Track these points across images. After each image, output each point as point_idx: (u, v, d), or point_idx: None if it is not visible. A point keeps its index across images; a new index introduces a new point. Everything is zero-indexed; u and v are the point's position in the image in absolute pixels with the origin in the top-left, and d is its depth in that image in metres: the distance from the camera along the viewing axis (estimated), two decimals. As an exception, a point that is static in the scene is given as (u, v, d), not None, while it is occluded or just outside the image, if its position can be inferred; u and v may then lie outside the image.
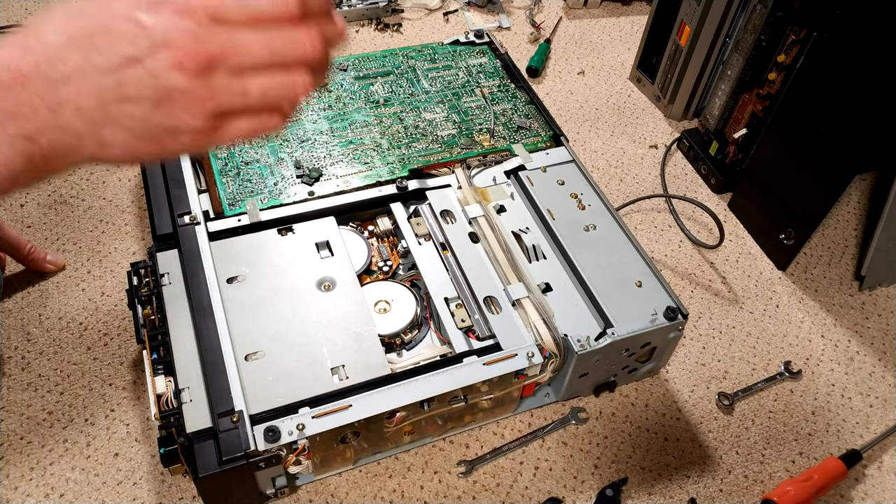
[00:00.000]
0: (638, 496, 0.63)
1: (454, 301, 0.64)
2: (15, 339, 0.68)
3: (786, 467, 0.66)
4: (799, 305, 0.78)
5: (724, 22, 0.86)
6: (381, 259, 0.69)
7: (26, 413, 0.63)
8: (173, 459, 0.52)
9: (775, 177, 0.81)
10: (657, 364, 0.69)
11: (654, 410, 0.68)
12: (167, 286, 0.61)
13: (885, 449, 0.68)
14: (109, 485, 0.60)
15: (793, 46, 0.77)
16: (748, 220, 0.86)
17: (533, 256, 0.67)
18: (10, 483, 0.59)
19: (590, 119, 0.98)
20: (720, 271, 0.81)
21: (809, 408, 0.70)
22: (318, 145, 0.75)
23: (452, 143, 0.76)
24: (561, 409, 0.67)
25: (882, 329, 0.77)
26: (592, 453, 0.65)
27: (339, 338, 0.60)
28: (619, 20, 1.15)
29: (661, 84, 0.98)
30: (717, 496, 0.63)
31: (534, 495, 0.62)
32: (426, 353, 0.62)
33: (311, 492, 0.60)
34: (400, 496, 0.61)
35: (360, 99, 0.80)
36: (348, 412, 0.54)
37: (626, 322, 0.61)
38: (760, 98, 0.82)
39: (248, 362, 0.57)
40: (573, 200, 0.71)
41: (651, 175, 0.91)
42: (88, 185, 0.82)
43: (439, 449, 0.64)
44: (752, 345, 0.74)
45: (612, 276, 0.65)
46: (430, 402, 0.57)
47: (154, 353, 0.57)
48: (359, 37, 1.07)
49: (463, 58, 0.87)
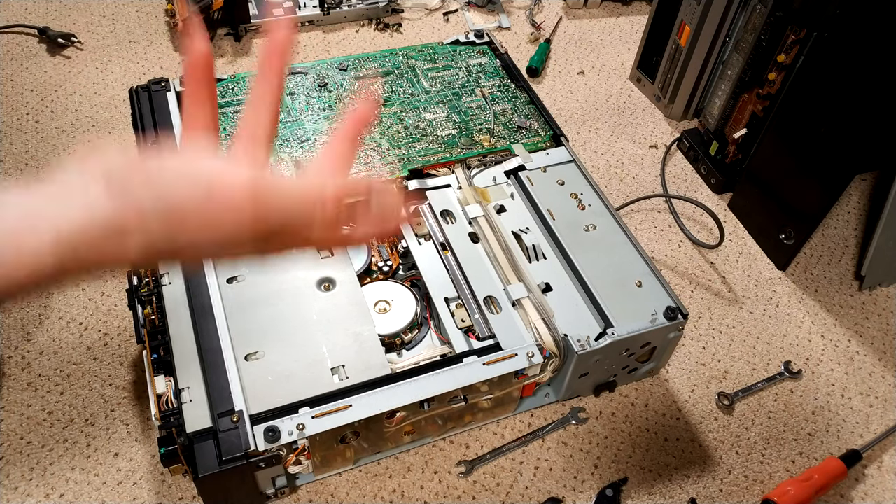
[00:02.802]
0: (638, 496, 0.63)
1: (454, 301, 0.64)
2: (15, 339, 0.68)
3: (786, 467, 0.66)
4: (799, 305, 0.78)
5: (724, 22, 0.86)
6: (381, 259, 0.69)
7: (26, 413, 0.63)
8: (173, 459, 0.52)
9: (775, 177, 0.81)
10: (657, 364, 0.69)
11: (654, 410, 0.68)
12: (167, 286, 0.61)
13: (885, 449, 0.68)
14: (109, 485, 0.60)
15: (793, 46, 0.77)
16: (748, 220, 0.86)
17: (533, 256, 0.67)
18: (10, 483, 0.59)
19: (590, 119, 0.98)
20: (720, 271, 0.81)
21: (809, 408, 0.70)
22: (319, 145, 0.75)
23: (452, 143, 0.76)
24: (561, 409, 0.67)
25: (882, 329, 0.77)
26: (592, 453, 0.65)
27: (339, 338, 0.60)
28: (619, 20, 1.15)
29: (661, 84, 0.98)
30: (717, 496, 0.63)
31: (534, 495, 0.62)
32: (426, 353, 0.62)
33: (311, 492, 0.60)
34: (400, 496, 0.61)
35: (360, 99, 0.80)
36: (348, 412, 0.54)
37: (626, 322, 0.61)
38: (760, 98, 0.82)
39: (248, 362, 0.57)
40: (573, 200, 0.71)
41: (651, 175, 0.91)
42: (88, 185, 0.82)
43: (439, 449, 0.64)
44: (752, 345, 0.74)
45: (612, 276, 0.65)
46: (430, 402, 0.57)
47: (154, 353, 0.57)
48: (359, 37, 1.07)
49: (463, 58, 0.87)
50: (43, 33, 0.99)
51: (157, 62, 0.99)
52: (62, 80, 0.95)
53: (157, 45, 1.02)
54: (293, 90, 0.80)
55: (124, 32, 1.03)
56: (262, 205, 0.30)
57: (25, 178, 0.71)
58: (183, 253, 0.30)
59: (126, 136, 0.88)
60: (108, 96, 0.93)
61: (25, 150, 0.85)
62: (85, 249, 0.27)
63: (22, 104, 0.91)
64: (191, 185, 0.29)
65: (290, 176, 0.31)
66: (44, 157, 0.84)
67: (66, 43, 0.99)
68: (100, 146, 0.31)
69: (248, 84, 0.80)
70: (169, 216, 0.29)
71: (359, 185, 0.32)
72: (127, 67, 0.98)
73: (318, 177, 0.32)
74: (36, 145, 0.86)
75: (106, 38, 1.02)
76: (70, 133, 0.88)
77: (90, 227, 0.27)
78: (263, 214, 0.30)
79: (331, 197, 0.31)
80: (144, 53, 1.00)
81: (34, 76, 0.95)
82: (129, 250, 0.29)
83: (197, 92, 0.34)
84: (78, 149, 0.31)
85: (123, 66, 0.98)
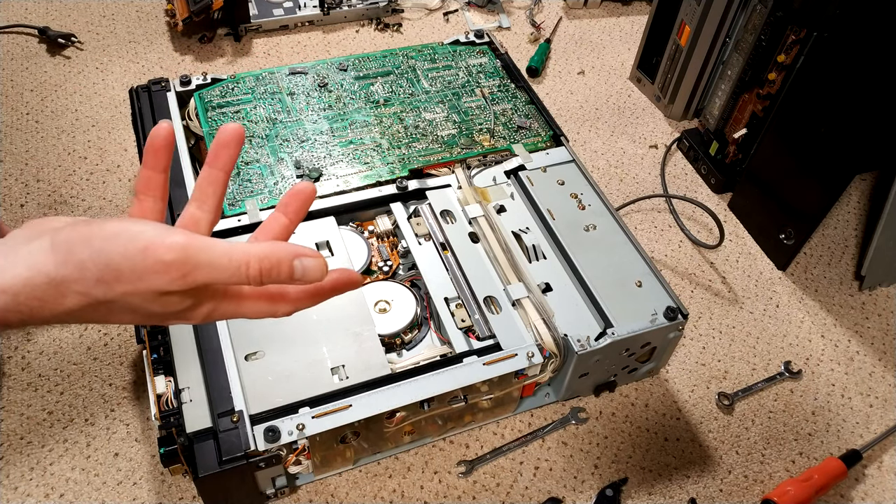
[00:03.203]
0: (638, 496, 0.63)
1: (454, 301, 0.64)
2: (15, 340, 0.68)
3: (786, 467, 0.66)
4: (799, 305, 0.78)
5: (724, 22, 0.86)
6: (381, 259, 0.69)
7: (26, 413, 0.63)
8: (173, 459, 0.52)
9: (775, 177, 0.81)
10: (657, 364, 0.69)
11: (654, 410, 0.68)
12: (167, 286, 0.61)
13: (885, 449, 0.68)
14: (109, 485, 0.60)
15: (793, 46, 0.77)
16: (748, 220, 0.86)
17: (533, 256, 0.67)
18: (10, 483, 0.59)
19: (590, 119, 0.98)
20: (720, 271, 0.81)
21: (809, 408, 0.70)
22: (318, 145, 0.75)
23: (452, 143, 0.76)
24: (561, 409, 0.67)
25: (882, 329, 0.77)
26: (592, 453, 0.65)
27: (339, 338, 0.60)
28: (619, 20, 1.15)
29: (661, 84, 0.98)
30: (717, 496, 0.63)
31: (534, 495, 0.62)
32: (426, 353, 0.62)
33: (311, 492, 0.60)
34: (400, 496, 0.61)
35: (360, 99, 0.80)
36: (348, 412, 0.54)
37: (626, 322, 0.61)
38: (760, 98, 0.82)
39: (248, 362, 0.57)
40: (573, 200, 0.71)
41: (651, 175, 0.91)
42: (88, 185, 0.82)
43: (439, 449, 0.64)
44: (752, 345, 0.74)
45: (612, 276, 0.65)
46: (430, 402, 0.57)
47: (154, 353, 0.57)
48: (359, 37, 1.07)
49: (463, 58, 0.87)
50: (43, 33, 0.99)
51: (157, 62, 0.99)
52: (62, 80, 0.95)
53: (157, 45, 1.02)
54: (293, 90, 0.80)
55: (124, 32, 1.03)
56: (192, 262, 0.32)
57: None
58: (118, 305, 0.33)
59: (126, 135, 0.88)
60: (108, 96, 0.93)
61: (25, 150, 0.85)
62: (26, 300, 0.31)
63: (22, 104, 0.91)
64: (126, 243, 0.32)
65: (222, 242, 0.34)
66: (44, 157, 0.84)
67: (66, 43, 0.99)
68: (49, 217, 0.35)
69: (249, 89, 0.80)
70: (105, 274, 0.32)
71: (283, 249, 0.34)
72: (127, 67, 0.98)
73: (245, 246, 0.34)
74: (36, 145, 0.86)
75: (106, 38, 1.02)
76: (70, 133, 0.88)
77: (34, 279, 0.31)
78: (191, 274, 0.33)
79: (255, 258, 0.33)
80: (144, 53, 1.00)
81: (34, 76, 0.95)
82: (68, 300, 0.32)
83: (154, 163, 0.38)
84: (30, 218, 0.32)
85: (123, 66, 0.98)
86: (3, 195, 0.80)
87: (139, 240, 0.32)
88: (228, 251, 0.33)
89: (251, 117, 0.76)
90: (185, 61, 0.99)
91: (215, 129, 0.75)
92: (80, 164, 0.84)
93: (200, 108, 0.76)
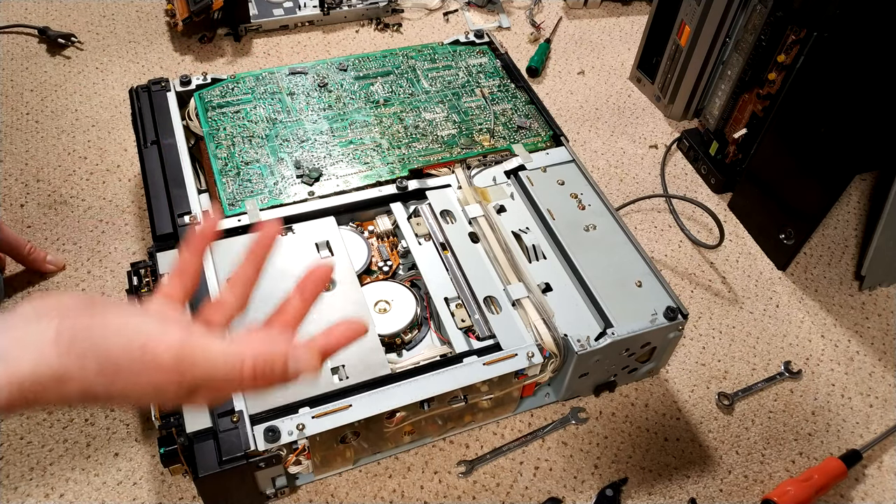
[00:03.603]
0: (638, 496, 0.63)
1: (454, 301, 0.64)
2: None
3: (786, 467, 0.66)
4: (799, 305, 0.78)
5: (724, 22, 0.86)
6: (381, 259, 0.69)
7: (26, 413, 0.63)
8: (173, 459, 0.52)
9: (775, 177, 0.81)
10: (657, 364, 0.69)
11: (654, 410, 0.68)
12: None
13: (885, 449, 0.68)
14: (109, 485, 0.60)
15: (793, 46, 0.77)
16: (748, 220, 0.86)
17: (533, 256, 0.67)
18: (10, 483, 0.59)
19: (590, 119, 0.98)
20: (720, 271, 0.81)
21: (809, 408, 0.70)
22: (318, 145, 0.75)
23: (452, 143, 0.76)
24: (561, 409, 0.67)
25: (882, 329, 0.77)
26: (592, 453, 0.65)
27: (339, 338, 0.59)
28: (619, 20, 1.15)
29: (661, 84, 0.98)
30: (717, 496, 0.63)
31: (534, 495, 0.62)
32: (426, 353, 0.62)
33: (311, 492, 0.60)
34: (400, 496, 0.61)
35: (360, 99, 0.80)
36: (348, 412, 0.54)
37: (626, 322, 0.61)
38: (760, 98, 0.82)
39: (248, 362, 0.57)
40: (573, 200, 0.71)
41: (651, 175, 0.91)
42: (88, 185, 0.82)
43: (439, 449, 0.64)
44: (752, 345, 0.74)
45: (612, 276, 0.65)
46: (430, 402, 0.57)
47: (154, 353, 0.57)
48: (359, 37, 1.07)
49: (463, 58, 0.87)
50: (43, 33, 0.99)
51: (157, 62, 0.99)
52: (62, 80, 0.95)
53: (157, 45, 1.02)
54: (293, 90, 0.80)
55: (124, 32, 1.03)
56: (188, 361, 0.34)
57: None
58: (116, 398, 0.35)
59: (126, 136, 0.88)
60: (108, 96, 0.93)
61: (25, 150, 0.85)
62: (30, 390, 0.32)
63: (22, 104, 0.91)
64: (127, 342, 0.34)
65: (219, 340, 0.36)
66: (44, 157, 0.84)
67: (66, 43, 0.99)
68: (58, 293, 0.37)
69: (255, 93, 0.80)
70: (105, 367, 0.33)
71: (277, 347, 0.36)
72: (127, 67, 0.98)
73: (241, 343, 0.36)
74: (36, 145, 0.86)
75: (106, 38, 1.02)
76: (70, 133, 0.88)
77: (39, 374, 0.32)
78: (187, 372, 0.34)
79: (250, 357, 0.35)
80: (144, 53, 1.00)
81: (34, 76, 0.95)
82: (69, 393, 0.33)
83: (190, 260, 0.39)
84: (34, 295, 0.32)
85: (123, 66, 0.98)
86: (3, 195, 0.80)
87: (139, 337, 0.34)
88: (224, 351, 0.35)
89: (251, 117, 0.76)
90: (185, 61, 0.99)
91: (215, 128, 0.75)
92: (80, 164, 0.84)
93: (200, 108, 0.76)
